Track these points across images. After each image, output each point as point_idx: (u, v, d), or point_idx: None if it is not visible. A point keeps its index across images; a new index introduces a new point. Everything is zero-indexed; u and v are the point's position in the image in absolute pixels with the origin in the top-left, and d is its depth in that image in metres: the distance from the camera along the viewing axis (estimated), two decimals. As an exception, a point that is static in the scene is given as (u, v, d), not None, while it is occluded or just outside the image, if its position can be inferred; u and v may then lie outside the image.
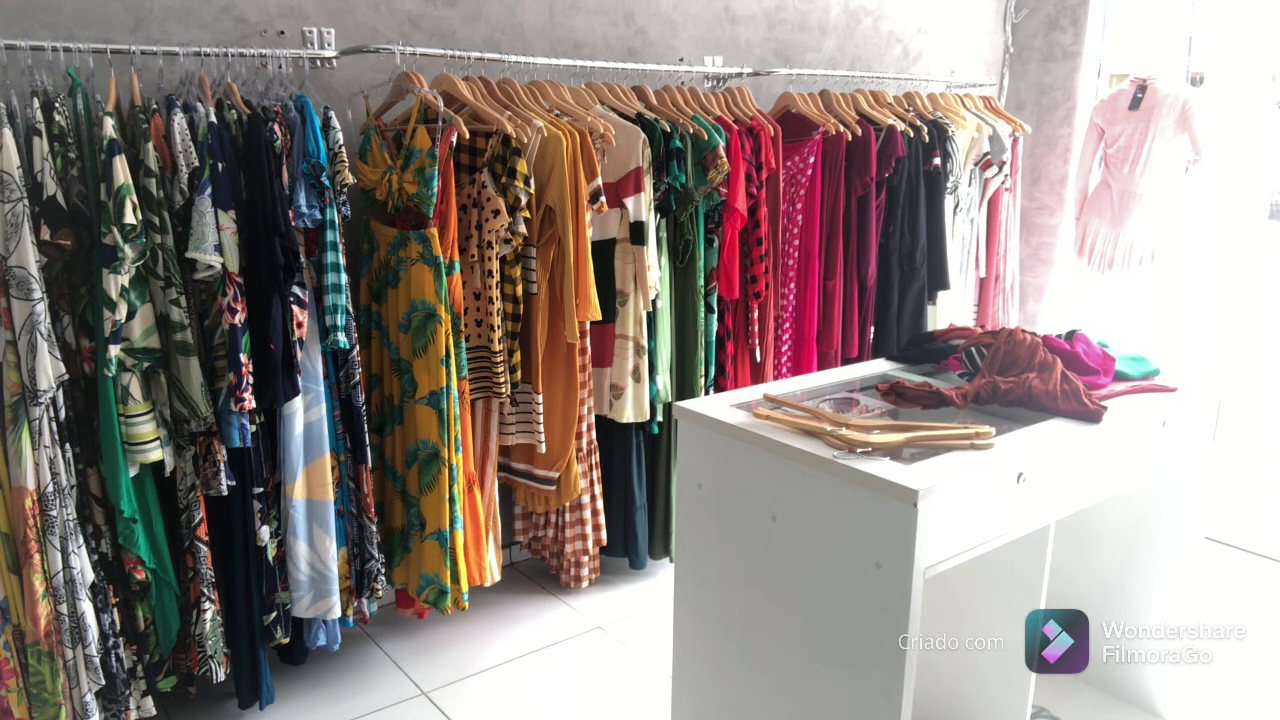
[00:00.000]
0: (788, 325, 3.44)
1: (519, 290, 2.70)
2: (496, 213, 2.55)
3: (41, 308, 1.99)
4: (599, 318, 2.80)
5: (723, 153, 2.96)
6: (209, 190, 2.14)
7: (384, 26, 2.83)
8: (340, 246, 2.37)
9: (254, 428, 2.30)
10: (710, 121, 3.03)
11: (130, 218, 2.04)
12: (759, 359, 3.33)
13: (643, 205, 2.87)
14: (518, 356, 2.75)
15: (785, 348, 3.47)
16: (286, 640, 2.48)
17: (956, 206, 3.83)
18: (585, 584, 3.16)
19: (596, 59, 3.17)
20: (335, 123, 2.36)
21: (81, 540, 2.11)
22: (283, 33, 2.65)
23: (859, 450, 1.63)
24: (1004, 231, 4.12)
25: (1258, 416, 4.25)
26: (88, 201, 2.10)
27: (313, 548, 2.42)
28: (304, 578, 2.43)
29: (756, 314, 3.27)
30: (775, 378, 3.38)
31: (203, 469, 2.27)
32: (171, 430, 2.22)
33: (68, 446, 2.08)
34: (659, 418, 3.13)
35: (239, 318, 2.21)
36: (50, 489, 2.03)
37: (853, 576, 1.62)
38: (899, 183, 3.55)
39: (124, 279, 2.07)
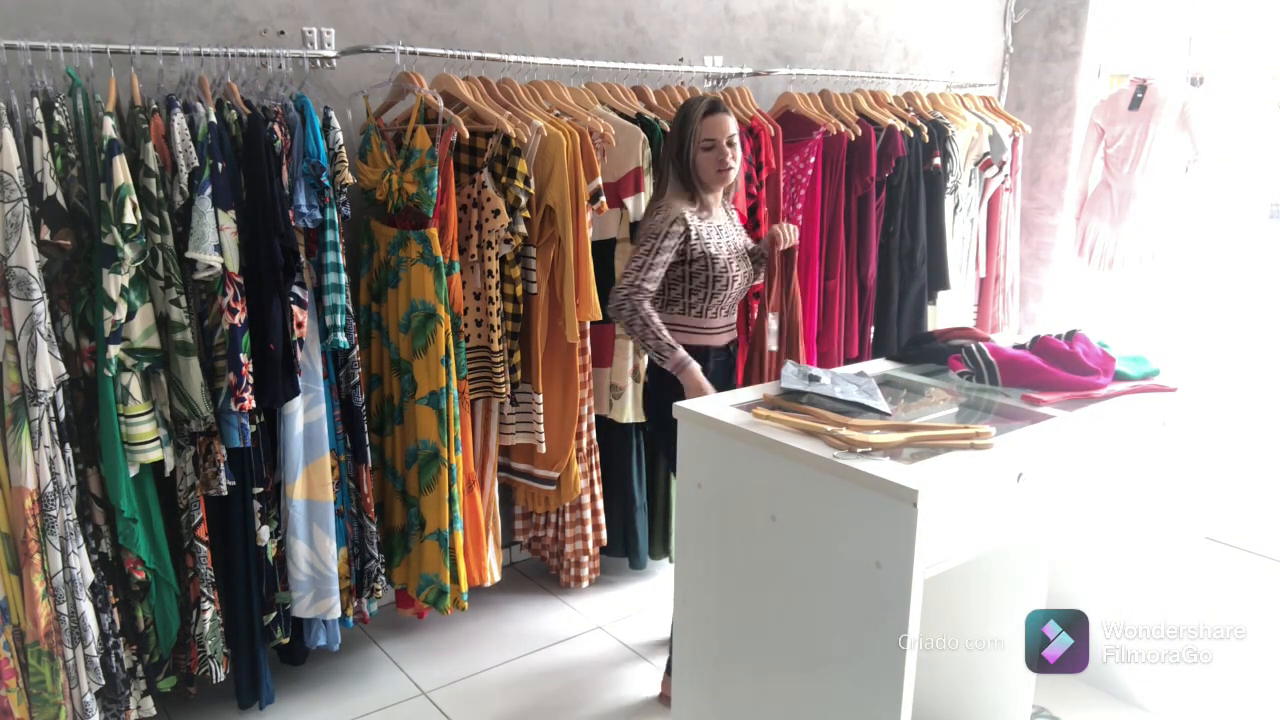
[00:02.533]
0: (788, 325, 3.44)
1: (519, 290, 2.70)
2: (496, 213, 2.55)
3: (41, 308, 1.99)
4: (599, 318, 2.80)
5: (723, 153, 2.95)
6: (209, 190, 2.14)
7: (384, 26, 2.82)
8: (340, 246, 2.37)
9: (254, 428, 2.30)
10: (710, 121, 3.02)
11: (130, 218, 2.04)
12: (759, 359, 3.32)
13: (643, 205, 2.87)
14: (518, 356, 2.75)
15: (785, 348, 3.47)
16: (286, 640, 2.48)
17: (956, 206, 3.83)
18: (585, 584, 3.16)
19: (596, 59, 3.16)
20: (335, 123, 2.36)
21: (81, 540, 2.11)
22: (283, 33, 2.65)
23: (859, 450, 1.63)
24: (1004, 231, 4.12)
25: (1258, 416, 4.24)
26: (88, 201, 2.10)
27: (313, 548, 2.42)
28: (304, 578, 2.43)
29: (757, 314, 3.27)
30: (776, 377, 3.37)
31: (203, 469, 2.27)
32: (171, 430, 2.22)
33: (68, 446, 2.08)
34: (659, 418, 3.13)
35: (239, 318, 2.21)
36: (50, 489, 2.03)
37: (852, 576, 1.62)
38: (899, 183, 3.55)
39: (124, 279, 2.07)
